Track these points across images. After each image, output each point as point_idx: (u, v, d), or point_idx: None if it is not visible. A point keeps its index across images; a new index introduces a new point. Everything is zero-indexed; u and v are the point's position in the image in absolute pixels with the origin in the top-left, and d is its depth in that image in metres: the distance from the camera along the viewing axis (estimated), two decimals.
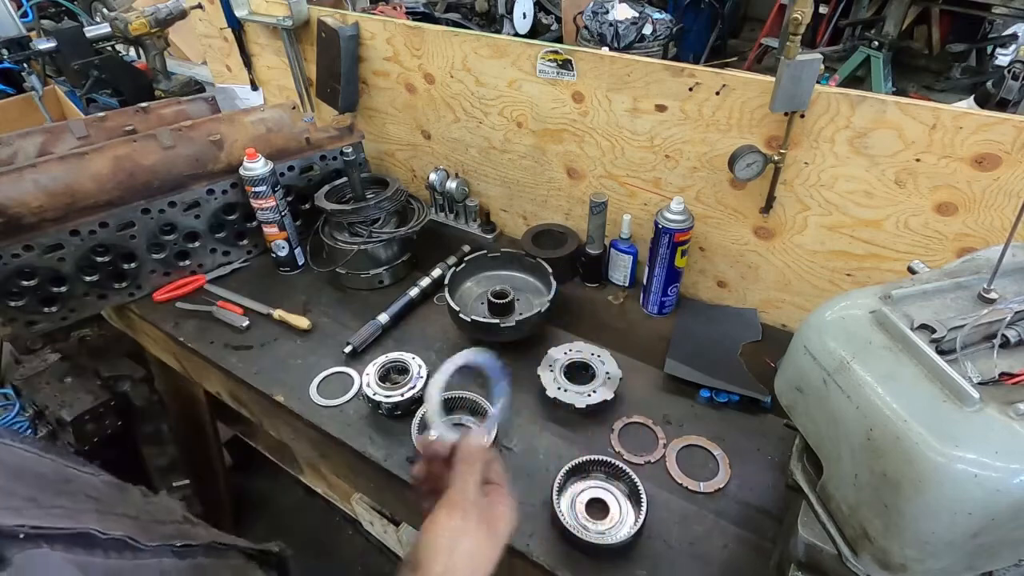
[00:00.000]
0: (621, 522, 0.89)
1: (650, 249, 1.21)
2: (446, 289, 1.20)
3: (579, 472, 0.94)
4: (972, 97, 2.64)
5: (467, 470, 0.57)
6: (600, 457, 0.94)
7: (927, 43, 3.56)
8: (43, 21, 2.34)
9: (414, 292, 1.33)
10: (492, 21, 3.83)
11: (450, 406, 1.06)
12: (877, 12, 3.50)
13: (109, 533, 0.45)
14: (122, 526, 0.48)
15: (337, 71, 1.49)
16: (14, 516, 0.40)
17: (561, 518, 0.86)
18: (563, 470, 0.91)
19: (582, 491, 0.93)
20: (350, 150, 1.28)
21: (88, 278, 1.28)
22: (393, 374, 1.11)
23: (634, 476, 0.91)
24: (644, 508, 0.86)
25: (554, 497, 0.88)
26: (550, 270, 1.24)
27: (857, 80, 3.42)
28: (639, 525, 0.84)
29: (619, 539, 0.84)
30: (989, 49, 3.44)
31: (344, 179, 1.43)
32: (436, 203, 1.60)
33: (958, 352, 0.54)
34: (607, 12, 3.32)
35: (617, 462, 0.93)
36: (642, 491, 0.88)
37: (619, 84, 1.14)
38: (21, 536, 0.38)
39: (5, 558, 0.37)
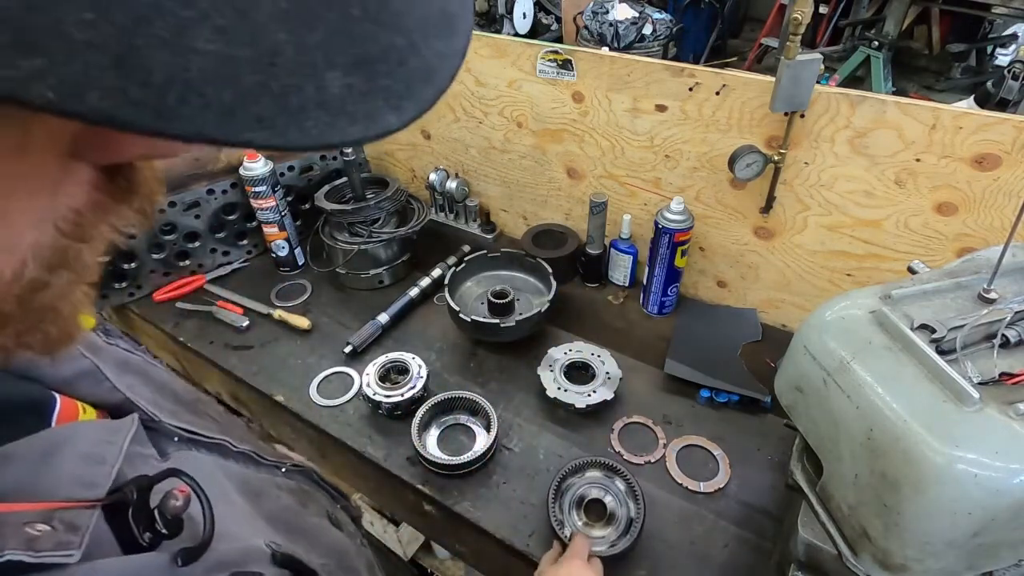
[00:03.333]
0: (618, 526, 0.88)
1: (650, 249, 1.21)
2: (446, 289, 1.20)
3: (575, 474, 0.94)
4: (972, 97, 2.64)
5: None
6: (596, 458, 0.94)
7: (927, 43, 3.56)
8: None
9: (414, 292, 1.32)
10: (492, 21, 3.83)
11: (450, 406, 1.06)
12: (877, 12, 3.50)
13: (239, 447, 0.50)
14: (245, 444, 0.53)
15: None
16: (171, 418, 0.44)
17: (559, 529, 0.85)
18: (556, 479, 0.90)
19: (579, 494, 0.92)
20: (350, 150, 1.28)
21: None
22: (393, 374, 1.11)
23: (631, 476, 0.90)
24: (643, 509, 0.86)
25: (550, 503, 0.87)
26: (550, 270, 1.23)
27: (857, 80, 3.42)
28: (638, 529, 0.84)
29: (619, 548, 0.83)
30: (989, 49, 3.44)
31: (344, 179, 1.43)
32: (436, 203, 1.60)
33: (958, 352, 0.54)
34: (607, 12, 3.32)
35: (614, 462, 0.93)
36: (639, 492, 0.88)
37: (619, 84, 1.14)
38: (176, 439, 0.43)
39: (167, 452, 0.42)
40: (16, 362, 0.36)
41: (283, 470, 0.57)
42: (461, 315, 1.14)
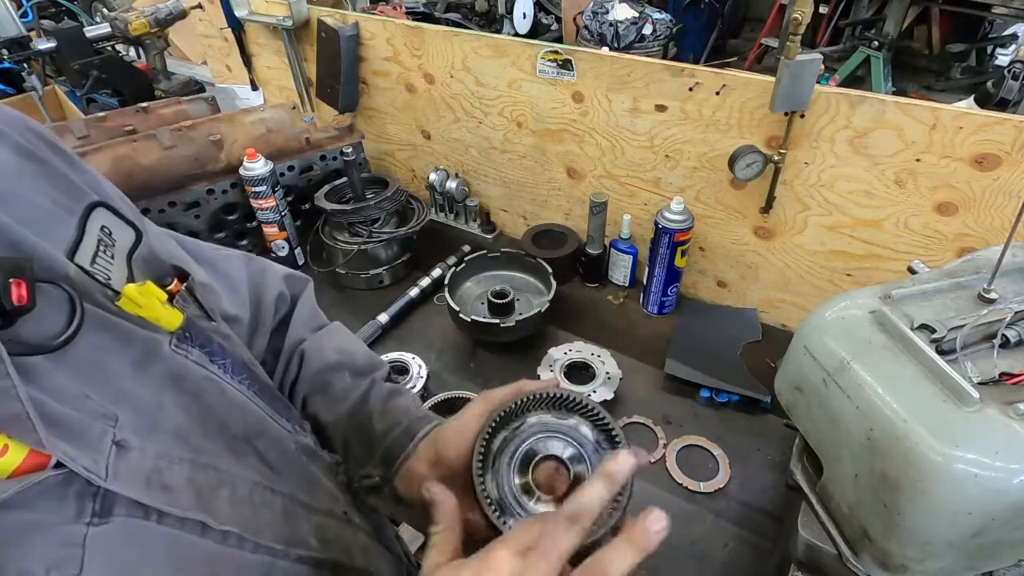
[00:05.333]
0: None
1: (650, 249, 1.21)
2: (446, 289, 1.20)
3: (511, 423, 0.54)
4: (972, 97, 2.64)
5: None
6: (540, 392, 0.54)
7: (927, 43, 3.56)
8: (43, 21, 2.34)
9: (414, 292, 1.32)
10: (492, 21, 3.82)
11: (450, 406, 1.06)
12: (877, 12, 3.50)
13: (220, 526, 0.42)
14: (248, 515, 0.44)
15: (337, 71, 1.49)
16: (158, 491, 0.38)
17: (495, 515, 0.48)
18: (482, 435, 0.51)
19: (524, 450, 0.52)
20: (350, 150, 1.28)
21: None
22: (393, 374, 1.10)
23: (600, 412, 0.52)
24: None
25: (477, 474, 0.49)
26: (550, 270, 1.24)
27: (857, 80, 3.42)
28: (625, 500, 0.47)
29: (599, 533, 0.45)
30: (989, 49, 3.44)
31: (344, 179, 1.43)
32: (436, 203, 1.60)
33: (958, 352, 0.54)
34: (607, 12, 3.32)
35: (567, 394, 0.54)
36: (616, 433, 0.51)
37: (619, 84, 1.14)
38: (144, 504, 0.37)
39: (112, 514, 0.34)
40: None
41: (301, 552, 0.47)
42: (461, 315, 1.14)
